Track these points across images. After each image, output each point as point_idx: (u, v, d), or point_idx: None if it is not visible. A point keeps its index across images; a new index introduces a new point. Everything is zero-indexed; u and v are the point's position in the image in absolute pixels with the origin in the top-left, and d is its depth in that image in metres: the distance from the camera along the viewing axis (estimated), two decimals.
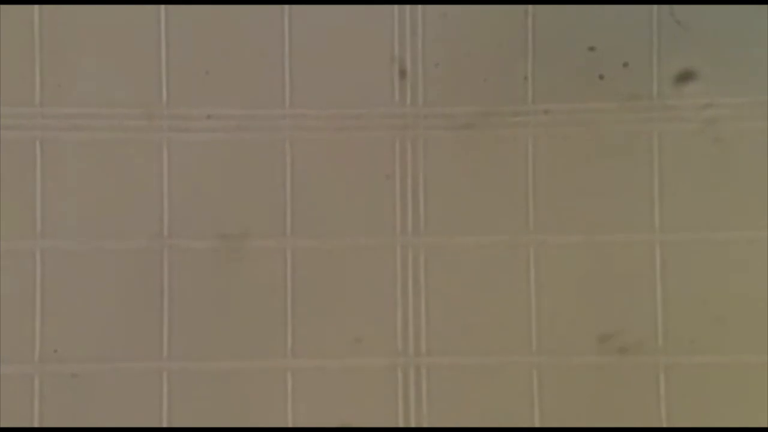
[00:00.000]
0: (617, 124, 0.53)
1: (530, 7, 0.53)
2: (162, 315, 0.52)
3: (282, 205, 0.53)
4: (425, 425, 0.52)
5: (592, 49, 0.53)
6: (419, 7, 0.53)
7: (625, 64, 0.53)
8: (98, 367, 0.52)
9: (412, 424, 0.52)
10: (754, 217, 0.53)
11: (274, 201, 0.53)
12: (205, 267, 0.52)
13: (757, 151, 0.53)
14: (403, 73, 0.53)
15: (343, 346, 0.52)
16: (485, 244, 0.53)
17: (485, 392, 0.52)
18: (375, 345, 0.52)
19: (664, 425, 0.52)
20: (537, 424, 0.52)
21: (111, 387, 0.52)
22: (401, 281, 0.53)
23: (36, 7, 0.53)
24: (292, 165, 0.53)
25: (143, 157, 0.53)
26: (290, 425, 0.52)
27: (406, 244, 0.53)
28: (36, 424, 0.51)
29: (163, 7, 0.53)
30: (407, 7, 0.53)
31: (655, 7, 0.53)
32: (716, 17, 0.53)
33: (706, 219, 0.53)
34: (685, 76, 0.53)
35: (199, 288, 0.52)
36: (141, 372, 0.52)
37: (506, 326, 0.53)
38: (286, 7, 0.53)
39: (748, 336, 0.52)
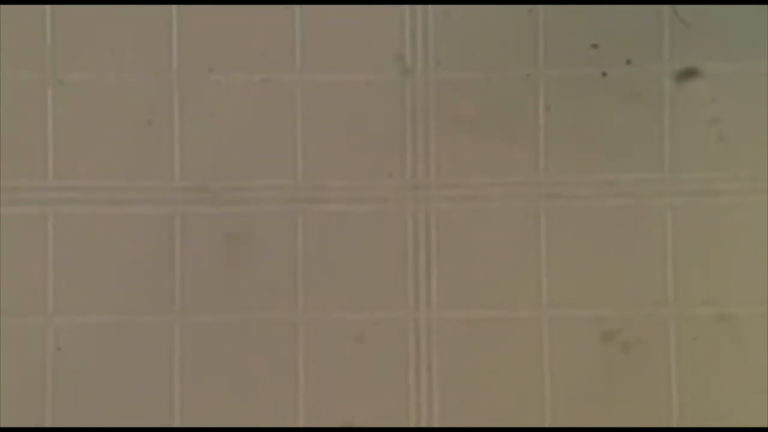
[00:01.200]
0: (620, 122, 0.53)
1: (533, 5, 0.53)
2: (170, 317, 0.52)
3: (289, 204, 0.53)
4: (436, 425, 0.52)
5: (595, 46, 0.53)
6: (422, 5, 0.53)
7: (628, 62, 0.53)
8: (103, 364, 0.52)
9: (423, 424, 0.52)
10: (757, 214, 0.52)
11: (279, 199, 0.53)
12: (211, 267, 0.53)
13: (761, 149, 0.52)
14: (406, 72, 0.53)
15: (348, 342, 0.52)
16: (493, 244, 0.53)
17: (496, 393, 0.52)
18: (379, 342, 0.52)
19: (674, 425, 0.52)
20: (547, 423, 0.52)
21: (116, 386, 0.52)
22: (412, 283, 0.53)
23: (48, 7, 0.53)
24: (299, 165, 0.53)
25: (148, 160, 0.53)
26: (301, 424, 0.52)
27: (418, 248, 0.53)
28: (48, 423, 0.52)
29: (174, 7, 0.53)
30: (410, 6, 0.53)
31: (658, 4, 0.53)
32: (720, 15, 0.53)
33: (709, 216, 0.53)
34: (688, 74, 0.53)
35: (206, 289, 0.53)
36: (149, 369, 0.52)
37: (514, 322, 0.53)
38: (295, 7, 0.53)
39: (752, 334, 0.52)
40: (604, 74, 0.53)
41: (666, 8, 0.53)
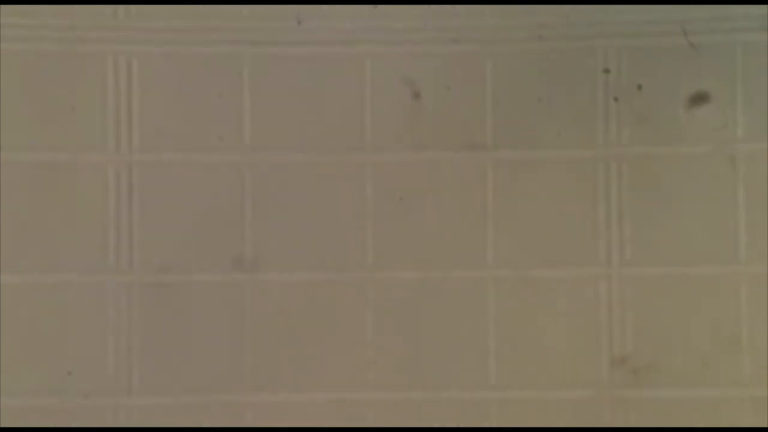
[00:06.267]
0: (631, 146, 0.53)
1: (544, 29, 0.53)
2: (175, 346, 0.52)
3: (295, 229, 0.53)
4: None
5: (606, 71, 0.53)
6: (432, 30, 0.53)
7: (639, 87, 0.53)
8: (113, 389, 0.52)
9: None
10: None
11: (284, 225, 0.53)
12: (220, 297, 0.53)
13: None
14: (416, 96, 0.53)
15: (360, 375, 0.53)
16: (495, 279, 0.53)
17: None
18: (383, 374, 0.53)
19: None
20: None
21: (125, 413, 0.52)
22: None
23: None
24: (305, 185, 0.53)
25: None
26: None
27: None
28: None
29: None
30: (420, 31, 0.53)
31: (669, 29, 0.53)
32: (729, 39, 0.53)
33: (719, 241, 0.53)
34: (698, 98, 0.53)
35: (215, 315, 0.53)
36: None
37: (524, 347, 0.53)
38: (300, 28, 0.53)
39: (762, 359, 0.52)
40: (615, 99, 0.53)
41: (677, 34, 0.53)
